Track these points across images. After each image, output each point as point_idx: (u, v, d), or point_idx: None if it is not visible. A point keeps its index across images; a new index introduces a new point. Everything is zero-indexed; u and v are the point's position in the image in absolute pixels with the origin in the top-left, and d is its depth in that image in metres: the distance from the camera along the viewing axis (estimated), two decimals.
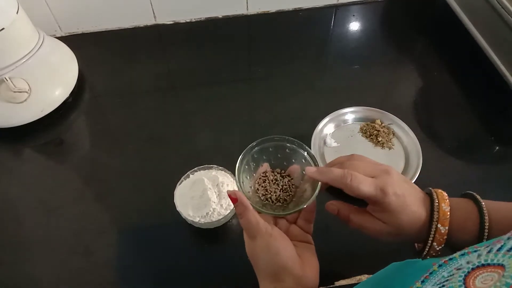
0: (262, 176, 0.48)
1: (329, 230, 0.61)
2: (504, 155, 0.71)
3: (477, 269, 0.28)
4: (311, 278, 0.42)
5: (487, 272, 0.27)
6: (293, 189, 0.48)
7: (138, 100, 0.81)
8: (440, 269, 0.32)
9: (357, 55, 0.89)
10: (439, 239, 0.39)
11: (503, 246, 0.28)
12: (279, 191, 0.47)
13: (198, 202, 0.58)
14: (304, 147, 0.48)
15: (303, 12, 0.98)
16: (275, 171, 0.49)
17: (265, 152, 0.48)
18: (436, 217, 0.39)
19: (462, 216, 0.39)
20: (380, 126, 0.72)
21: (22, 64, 0.71)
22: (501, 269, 0.26)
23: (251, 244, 0.42)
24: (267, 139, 0.48)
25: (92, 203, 0.66)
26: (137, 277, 0.58)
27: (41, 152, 0.74)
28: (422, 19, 0.98)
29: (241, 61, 0.89)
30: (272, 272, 0.41)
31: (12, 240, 0.63)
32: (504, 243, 0.28)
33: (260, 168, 0.49)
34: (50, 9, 0.87)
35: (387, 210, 0.40)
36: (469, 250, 0.31)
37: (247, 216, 0.41)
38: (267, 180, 0.48)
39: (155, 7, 0.92)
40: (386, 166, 0.43)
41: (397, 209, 0.40)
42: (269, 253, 0.40)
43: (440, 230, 0.39)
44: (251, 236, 0.42)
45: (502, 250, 0.28)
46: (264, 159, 0.49)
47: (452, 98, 0.80)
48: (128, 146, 0.74)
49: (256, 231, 0.41)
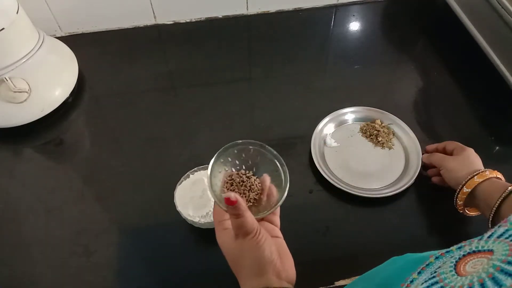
0: (228, 180, 0.48)
1: (329, 231, 0.62)
2: (504, 155, 0.71)
3: (468, 256, 0.29)
4: (290, 272, 0.43)
5: (477, 258, 0.28)
6: (259, 187, 0.48)
7: (138, 100, 0.81)
8: (437, 261, 0.33)
9: (357, 55, 0.89)
10: (461, 197, 0.57)
11: (493, 234, 0.28)
12: (247, 191, 0.47)
13: (198, 202, 0.58)
14: (265, 146, 0.48)
15: (303, 12, 0.98)
16: (239, 173, 0.48)
17: (229, 154, 0.48)
18: (466, 180, 0.56)
19: (489, 190, 0.54)
20: (380, 126, 0.72)
21: (22, 64, 0.71)
22: (490, 254, 0.26)
23: (236, 243, 0.43)
24: (231, 144, 0.48)
25: (92, 203, 0.66)
26: (137, 277, 0.58)
27: (41, 152, 0.74)
28: (422, 19, 0.98)
29: (241, 61, 0.89)
30: (256, 268, 0.41)
31: (12, 240, 0.63)
32: (494, 230, 0.29)
33: (224, 173, 0.49)
34: (50, 9, 0.87)
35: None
36: (466, 244, 0.31)
37: (246, 216, 0.41)
38: (234, 183, 0.47)
39: (155, 7, 0.92)
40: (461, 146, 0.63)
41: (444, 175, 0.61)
42: (258, 251, 0.41)
43: (463, 189, 0.56)
44: (241, 235, 0.42)
45: (492, 237, 0.28)
46: (229, 162, 0.49)
47: (452, 98, 0.80)
48: (128, 146, 0.74)
49: (250, 230, 0.42)
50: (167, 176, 0.65)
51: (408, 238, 0.61)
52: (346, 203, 0.64)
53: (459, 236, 0.61)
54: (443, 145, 0.65)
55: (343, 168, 0.68)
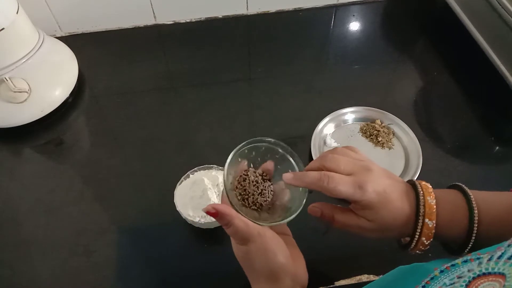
0: (243, 174, 0.46)
1: (329, 231, 0.61)
2: (504, 155, 0.71)
3: (478, 278, 0.28)
4: (302, 274, 0.41)
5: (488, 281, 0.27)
6: (271, 196, 0.46)
7: (138, 100, 0.81)
8: (442, 275, 0.31)
9: (357, 55, 0.88)
10: (427, 234, 0.38)
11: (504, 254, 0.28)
12: (257, 194, 0.45)
13: (198, 202, 0.58)
14: (295, 156, 0.45)
15: (303, 12, 0.98)
16: (257, 172, 0.46)
17: (256, 150, 0.46)
18: (422, 212, 0.38)
19: (450, 209, 0.38)
20: (380, 126, 0.72)
21: (22, 64, 0.71)
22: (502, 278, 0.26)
23: (242, 248, 0.40)
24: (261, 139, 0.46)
25: (92, 203, 0.66)
26: (137, 277, 0.58)
27: (41, 152, 0.74)
28: (422, 19, 0.98)
29: (241, 61, 0.89)
30: (268, 273, 0.39)
31: (12, 240, 0.63)
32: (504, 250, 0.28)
33: (241, 164, 0.46)
34: (50, 9, 0.87)
35: (368, 207, 0.40)
36: (471, 257, 0.30)
37: (235, 224, 0.39)
38: (247, 180, 0.45)
39: (155, 7, 0.92)
40: (368, 161, 0.43)
41: (379, 205, 0.39)
42: (267, 255, 0.39)
43: (428, 225, 0.38)
44: (243, 242, 0.40)
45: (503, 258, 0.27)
46: (252, 157, 0.46)
47: (452, 98, 0.80)
48: (128, 146, 0.74)
49: (248, 236, 0.39)
50: (167, 176, 0.65)
51: None
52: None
53: None
54: (318, 163, 0.44)
55: None
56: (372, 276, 0.56)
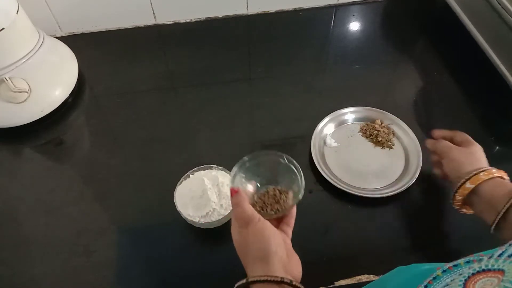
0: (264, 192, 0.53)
1: (329, 231, 0.62)
2: (504, 155, 0.71)
3: (478, 274, 0.28)
4: (295, 268, 0.44)
5: (487, 277, 0.27)
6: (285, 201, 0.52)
7: (138, 100, 0.81)
8: (444, 275, 0.32)
9: (357, 55, 0.88)
10: (462, 192, 0.53)
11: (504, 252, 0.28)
12: (275, 203, 0.51)
13: (198, 202, 0.58)
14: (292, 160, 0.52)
15: (303, 12, 0.98)
16: (276, 188, 0.53)
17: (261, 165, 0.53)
18: (469, 176, 0.52)
19: (495, 189, 0.51)
20: (380, 126, 0.72)
21: (22, 64, 0.71)
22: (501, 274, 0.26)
23: (242, 232, 0.45)
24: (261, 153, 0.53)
25: (92, 203, 0.66)
26: (137, 277, 0.58)
27: (41, 152, 0.74)
28: (422, 19, 0.98)
29: (241, 61, 0.89)
30: (262, 256, 0.43)
31: (12, 240, 0.63)
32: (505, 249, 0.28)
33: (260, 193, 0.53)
34: (50, 9, 0.87)
35: None
36: (474, 258, 0.31)
37: (243, 205, 0.45)
38: (267, 195, 0.52)
39: (155, 7, 0.92)
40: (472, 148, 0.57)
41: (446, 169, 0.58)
42: (263, 238, 0.43)
43: (466, 185, 0.53)
44: (243, 225, 0.45)
45: (503, 256, 0.28)
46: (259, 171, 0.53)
47: (452, 98, 0.80)
48: (128, 146, 0.74)
49: (250, 219, 0.45)
50: (167, 176, 0.65)
51: (408, 238, 0.61)
52: (346, 203, 0.64)
53: (459, 236, 0.61)
54: (452, 134, 0.61)
55: (343, 168, 0.68)
56: (372, 276, 0.56)
